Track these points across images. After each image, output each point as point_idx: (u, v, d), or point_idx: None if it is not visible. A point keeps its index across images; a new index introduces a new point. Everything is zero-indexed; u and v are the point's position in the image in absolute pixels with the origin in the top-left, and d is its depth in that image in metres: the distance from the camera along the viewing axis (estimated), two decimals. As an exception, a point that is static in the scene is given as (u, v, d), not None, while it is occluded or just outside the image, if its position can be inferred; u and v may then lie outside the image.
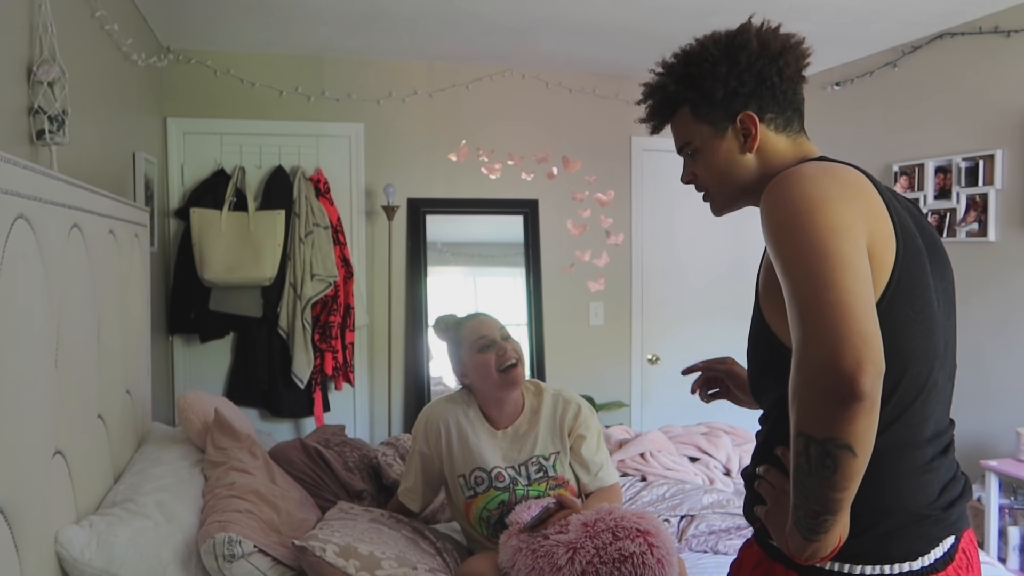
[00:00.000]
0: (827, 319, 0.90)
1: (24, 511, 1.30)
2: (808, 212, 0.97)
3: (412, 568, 1.67)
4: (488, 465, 1.99)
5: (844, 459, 0.89)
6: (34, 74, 1.78)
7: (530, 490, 1.97)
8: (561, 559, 1.59)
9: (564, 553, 1.60)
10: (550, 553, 1.61)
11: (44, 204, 1.44)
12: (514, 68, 4.07)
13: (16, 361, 1.28)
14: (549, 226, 4.13)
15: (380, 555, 1.67)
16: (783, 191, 1.01)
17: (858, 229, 0.96)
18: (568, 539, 1.62)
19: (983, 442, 3.27)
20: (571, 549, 1.60)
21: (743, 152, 1.15)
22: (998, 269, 3.20)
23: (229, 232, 3.44)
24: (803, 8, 3.09)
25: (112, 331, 2.02)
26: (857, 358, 0.87)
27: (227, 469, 1.96)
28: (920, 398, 1.04)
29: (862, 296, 0.91)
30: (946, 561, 1.05)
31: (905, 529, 1.03)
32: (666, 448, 2.59)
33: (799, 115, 1.17)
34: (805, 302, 0.93)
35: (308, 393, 3.66)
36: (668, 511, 2.19)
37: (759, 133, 1.13)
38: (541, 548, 1.63)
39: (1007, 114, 3.14)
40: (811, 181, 1.01)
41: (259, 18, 3.22)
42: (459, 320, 2.13)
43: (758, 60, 1.11)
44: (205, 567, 1.62)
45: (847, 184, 1.02)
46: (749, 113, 1.12)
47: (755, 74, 1.12)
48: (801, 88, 1.17)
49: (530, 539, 1.67)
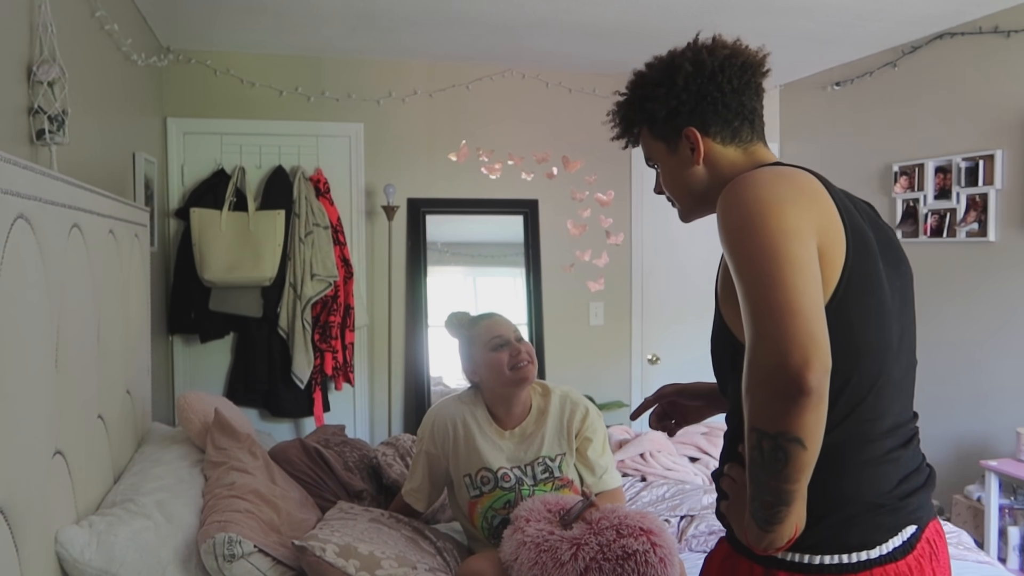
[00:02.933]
0: (776, 319, 0.94)
1: (24, 511, 1.30)
2: (760, 215, 1.00)
3: (412, 568, 1.67)
4: (494, 466, 1.99)
5: (794, 452, 0.94)
6: (34, 74, 1.78)
7: (535, 490, 1.97)
8: (564, 555, 1.60)
9: (568, 549, 1.60)
10: (554, 548, 1.61)
11: (44, 204, 1.44)
12: (514, 68, 4.07)
13: (16, 361, 1.28)
14: (549, 226, 4.13)
15: (380, 555, 1.67)
16: (736, 195, 1.05)
17: (808, 231, 1.00)
18: (572, 535, 1.63)
19: (983, 442, 3.27)
20: (575, 545, 1.60)
21: (693, 164, 1.21)
22: (998, 269, 3.20)
23: (229, 232, 3.44)
24: (803, 8, 3.09)
25: (112, 331, 2.02)
26: (805, 356, 0.92)
27: (227, 469, 1.96)
28: (873, 392, 1.07)
29: (811, 296, 0.95)
30: (906, 550, 1.06)
31: (861, 518, 1.06)
32: (666, 448, 2.59)
33: (749, 124, 1.21)
34: (756, 302, 0.97)
35: (308, 393, 3.66)
36: (668, 511, 2.19)
37: (704, 146, 1.20)
38: (545, 543, 1.63)
39: (1007, 114, 3.14)
40: (763, 185, 1.05)
41: (259, 18, 3.22)
42: (474, 318, 2.13)
43: (694, 79, 1.18)
44: (205, 567, 1.62)
45: (799, 187, 1.06)
46: (691, 129, 1.19)
47: (693, 92, 1.18)
48: (750, 98, 1.21)
49: (535, 534, 1.67)
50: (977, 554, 2.09)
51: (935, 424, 3.50)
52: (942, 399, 3.47)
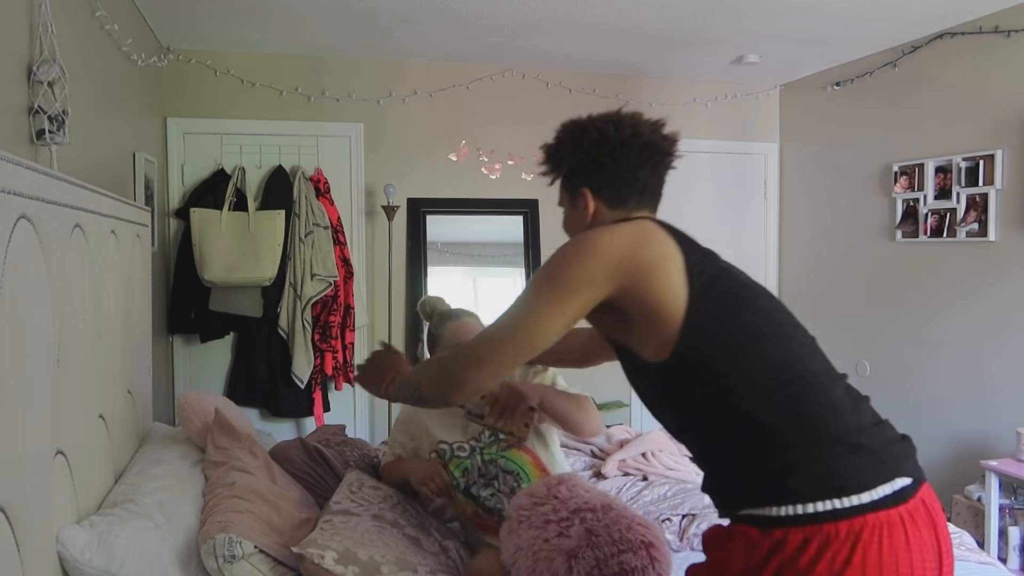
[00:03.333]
0: (492, 343, 1.29)
1: (25, 511, 1.30)
2: (556, 264, 1.25)
3: (413, 571, 1.66)
4: (450, 439, 2.09)
5: (424, 401, 1.41)
6: (34, 74, 1.78)
7: (487, 452, 2.05)
8: (560, 567, 1.58)
9: (563, 562, 1.59)
10: (549, 559, 1.60)
11: (46, 204, 1.44)
12: (514, 68, 4.07)
13: (19, 361, 1.28)
14: (549, 226, 4.13)
15: (380, 559, 1.66)
16: (565, 245, 1.29)
17: (598, 286, 1.21)
18: (569, 546, 1.61)
19: (983, 442, 3.27)
20: (570, 557, 1.59)
21: (584, 218, 1.39)
22: (998, 269, 3.20)
23: (229, 232, 3.44)
24: (803, 8, 3.09)
25: (113, 331, 2.02)
26: (482, 381, 1.29)
27: (228, 469, 1.96)
28: (785, 347, 1.23)
29: (530, 345, 1.25)
30: (897, 499, 1.11)
31: (846, 458, 1.13)
32: (667, 447, 2.59)
33: (639, 195, 1.36)
34: (500, 320, 1.29)
35: (308, 393, 3.66)
36: (670, 510, 2.19)
37: (594, 206, 1.37)
38: (541, 552, 1.62)
39: (1007, 114, 3.14)
40: (586, 239, 1.26)
41: (259, 18, 3.22)
42: (441, 315, 2.22)
43: (596, 148, 1.33)
44: (205, 567, 1.62)
45: (625, 239, 1.25)
46: (585, 190, 1.36)
47: (592, 159, 1.34)
48: (647, 174, 1.35)
49: (530, 541, 1.66)
50: (978, 554, 2.08)
51: (935, 424, 3.50)
52: (942, 399, 3.47)
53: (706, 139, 4.37)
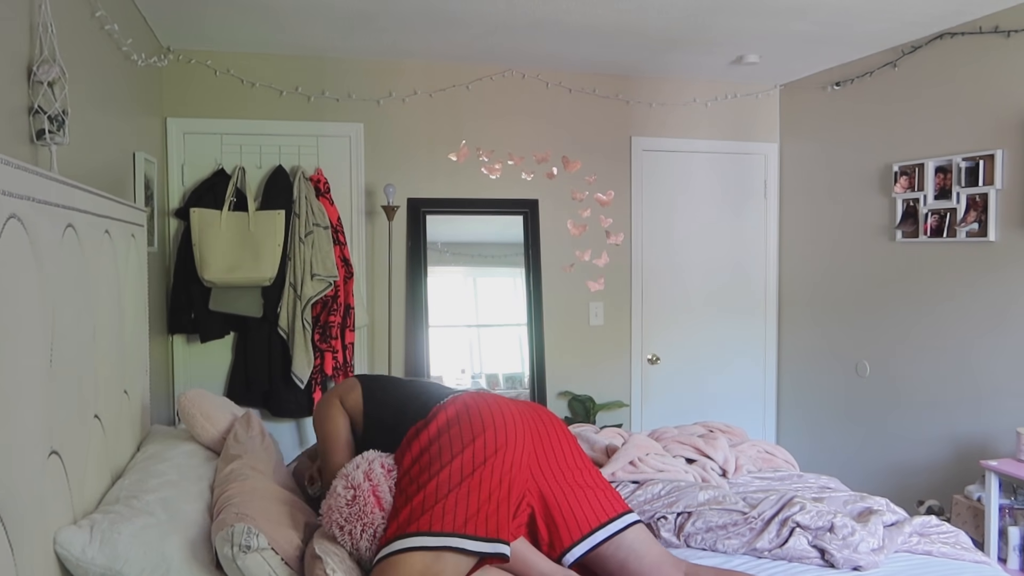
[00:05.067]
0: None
1: (19, 512, 1.30)
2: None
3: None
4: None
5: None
6: (34, 74, 1.78)
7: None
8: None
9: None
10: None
11: (37, 204, 1.43)
12: (514, 68, 4.08)
13: (9, 361, 1.27)
14: (549, 226, 4.13)
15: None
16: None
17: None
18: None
19: (983, 442, 3.27)
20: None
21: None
22: (998, 269, 3.20)
23: (229, 232, 3.44)
24: (803, 8, 3.09)
25: (108, 331, 2.02)
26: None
27: (244, 464, 1.97)
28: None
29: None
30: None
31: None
32: (652, 449, 2.58)
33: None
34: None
35: (308, 393, 3.66)
36: (664, 508, 2.18)
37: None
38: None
39: (1007, 114, 3.14)
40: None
41: (259, 18, 3.22)
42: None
43: None
44: (218, 555, 1.61)
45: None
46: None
47: None
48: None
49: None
50: (974, 554, 2.08)
51: (935, 424, 3.50)
52: (942, 399, 3.47)
53: (706, 139, 4.37)
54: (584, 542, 1.76)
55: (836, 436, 4.11)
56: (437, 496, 1.60)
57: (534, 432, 1.80)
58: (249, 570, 1.57)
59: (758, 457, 2.81)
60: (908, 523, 2.13)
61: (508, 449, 1.69)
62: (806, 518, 2.04)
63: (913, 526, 2.13)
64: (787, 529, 2.04)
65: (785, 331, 4.50)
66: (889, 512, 2.18)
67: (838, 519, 2.03)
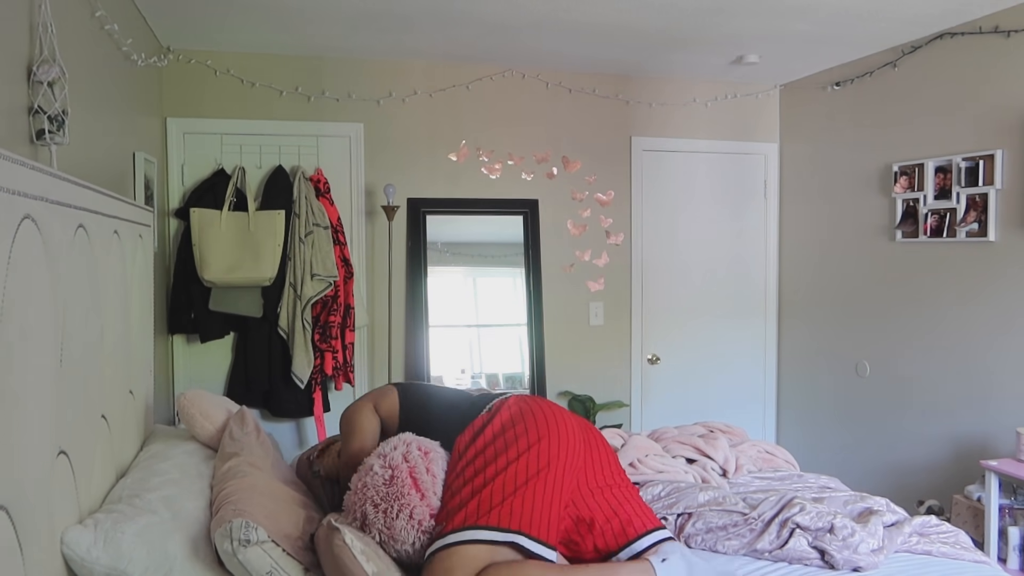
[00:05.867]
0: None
1: (28, 511, 1.30)
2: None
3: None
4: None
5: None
6: (34, 74, 1.78)
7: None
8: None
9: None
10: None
11: (50, 204, 1.44)
12: (514, 68, 4.08)
13: (22, 361, 1.27)
14: (549, 226, 4.13)
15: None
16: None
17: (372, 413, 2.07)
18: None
19: (983, 442, 3.27)
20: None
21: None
22: (998, 269, 3.20)
23: (229, 232, 3.44)
24: (803, 8, 3.09)
25: (116, 331, 2.02)
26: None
27: (241, 461, 1.97)
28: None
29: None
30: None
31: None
32: (652, 450, 2.58)
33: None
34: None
35: (308, 393, 3.66)
36: (664, 509, 2.18)
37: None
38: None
39: (1007, 114, 3.14)
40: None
41: (259, 18, 3.22)
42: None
43: None
44: (218, 552, 1.61)
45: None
46: None
47: None
48: None
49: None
50: (974, 554, 2.09)
51: (935, 424, 3.51)
52: (942, 399, 3.47)
53: (706, 139, 4.38)
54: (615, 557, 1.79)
55: (836, 436, 4.11)
56: (504, 492, 1.64)
57: (585, 444, 1.84)
58: (251, 563, 1.57)
59: (758, 457, 2.81)
60: (908, 523, 2.13)
61: (568, 456, 1.74)
62: (806, 519, 2.04)
63: (913, 526, 2.13)
64: (787, 530, 2.04)
65: (785, 331, 4.50)
66: (889, 512, 2.18)
67: (838, 520, 2.03)
